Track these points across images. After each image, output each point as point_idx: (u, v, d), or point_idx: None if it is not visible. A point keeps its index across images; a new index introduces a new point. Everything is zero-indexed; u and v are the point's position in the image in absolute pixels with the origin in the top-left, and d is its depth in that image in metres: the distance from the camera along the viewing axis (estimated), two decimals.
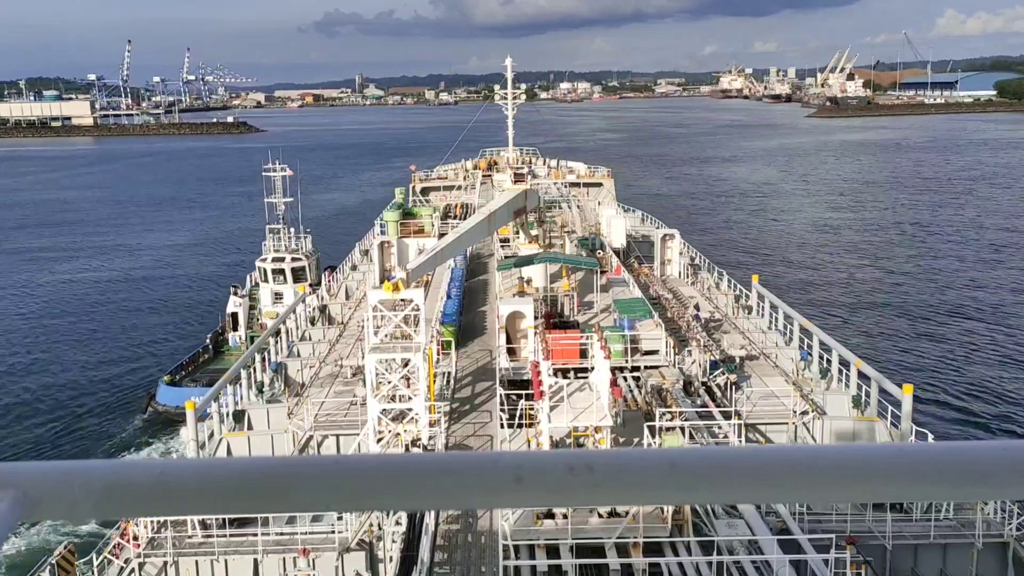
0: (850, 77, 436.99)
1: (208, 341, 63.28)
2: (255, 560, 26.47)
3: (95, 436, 53.18)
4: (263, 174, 66.61)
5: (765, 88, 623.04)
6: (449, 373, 37.04)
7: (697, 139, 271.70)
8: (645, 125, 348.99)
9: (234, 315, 63.75)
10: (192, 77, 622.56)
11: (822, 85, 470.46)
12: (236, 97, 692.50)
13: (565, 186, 80.00)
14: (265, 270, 64.59)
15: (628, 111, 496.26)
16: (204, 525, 26.81)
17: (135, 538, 26.32)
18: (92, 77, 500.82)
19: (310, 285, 60.90)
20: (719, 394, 34.31)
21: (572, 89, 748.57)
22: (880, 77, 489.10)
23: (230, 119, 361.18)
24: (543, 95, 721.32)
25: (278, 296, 62.82)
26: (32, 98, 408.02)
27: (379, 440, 29.96)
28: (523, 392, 30.92)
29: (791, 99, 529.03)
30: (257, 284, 65.50)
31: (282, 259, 64.42)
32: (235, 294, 64.76)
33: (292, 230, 66.10)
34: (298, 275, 63.86)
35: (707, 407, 32.29)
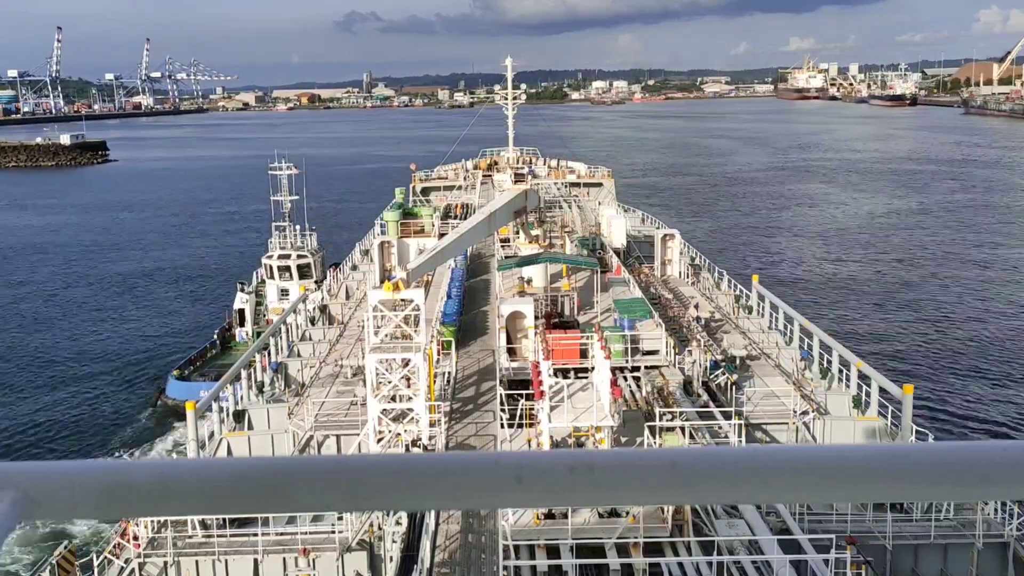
0: None
1: (216, 337, 64.44)
2: (255, 560, 26.47)
3: (107, 428, 54.59)
4: (268, 172, 67.22)
5: (870, 86, 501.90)
6: (449, 373, 37.02)
7: None
8: (875, 160, 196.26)
9: (241, 311, 64.95)
10: (157, 74, 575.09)
11: (1017, 78, 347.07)
12: (227, 98, 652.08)
13: (565, 186, 79.99)
14: (271, 267, 65.49)
15: (708, 118, 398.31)
16: (204, 525, 26.80)
17: (135, 538, 26.31)
18: (13, 73, 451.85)
19: (315, 282, 62.11)
20: (720, 394, 34.31)
21: (607, 89, 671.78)
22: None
23: (39, 140, 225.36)
24: (574, 95, 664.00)
25: (284, 293, 63.80)
26: None
27: (379, 440, 29.96)
28: (524, 392, 30.91)
29: (916, 101, 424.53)
30: (263, 281, 66.45)
31: (288, 256, 65.31)
32: (242, 291, 65.89)
33: (298, 228, 66.89)
34: (303, 272, 64.87)
35: (707, 407, 32.29)
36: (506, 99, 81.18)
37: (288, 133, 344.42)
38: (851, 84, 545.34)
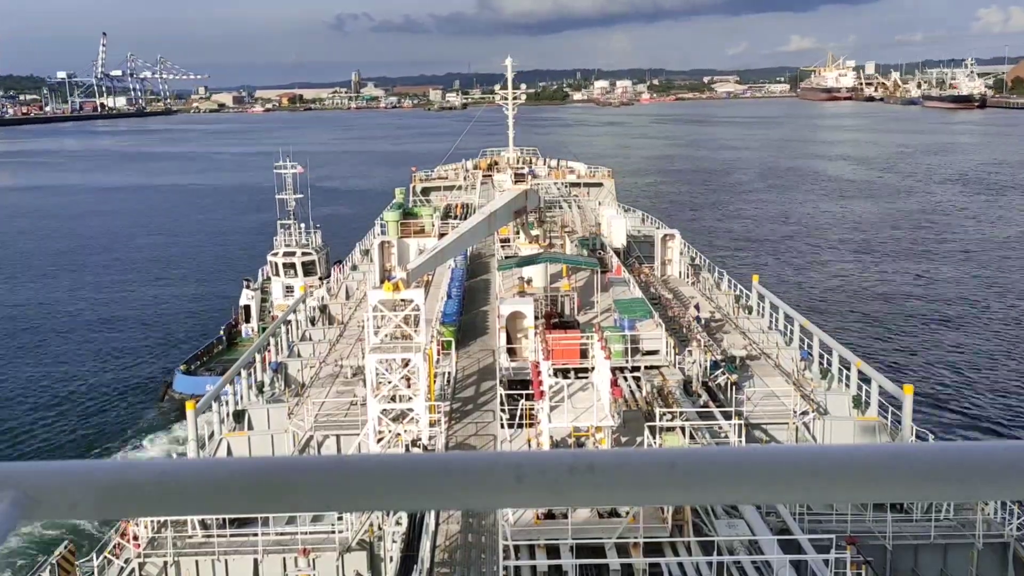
0: None
1: (222, 332, 65.25)
2: (255, 560, 26.47)
3: (116, 421, 55.54)
4: (274, 171, 67.71)
5: (921, 87, 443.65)
6: (449, 373, 37.02)
7: None
8: None
9: (247, 307, 65.83)
10: (118, 72, 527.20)
11: None
12: (203, 99, 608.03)
13: (565, 186, 79.99)
14: (276, 264, 66.43)
15: (750, 124, 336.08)
16: (204, 525, 26.80)
17: (135, 538, 26.32)
18: None
19: (320, 278, 63.28)
20: (720, 394, 34.31)
21: (610, 88, 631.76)
22: None
23: None
24: (576, 96, 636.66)
25: (289, 289, 64.77)
26: None
27: (379, 440, 29.96)
28: (524, 392, 30.91)
29: (986, 103, 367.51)
30: (269, 278, 67.42)
31: (293, 253, 66.25)
32: (248, 287, 66.77)
33: (302, 225, 67.84)
34: (308, 269, 65.89)
35: (708, 407, 32.29)
36: (506, 99, 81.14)
37: (240, 145, 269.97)
38: (896, 83, 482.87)
